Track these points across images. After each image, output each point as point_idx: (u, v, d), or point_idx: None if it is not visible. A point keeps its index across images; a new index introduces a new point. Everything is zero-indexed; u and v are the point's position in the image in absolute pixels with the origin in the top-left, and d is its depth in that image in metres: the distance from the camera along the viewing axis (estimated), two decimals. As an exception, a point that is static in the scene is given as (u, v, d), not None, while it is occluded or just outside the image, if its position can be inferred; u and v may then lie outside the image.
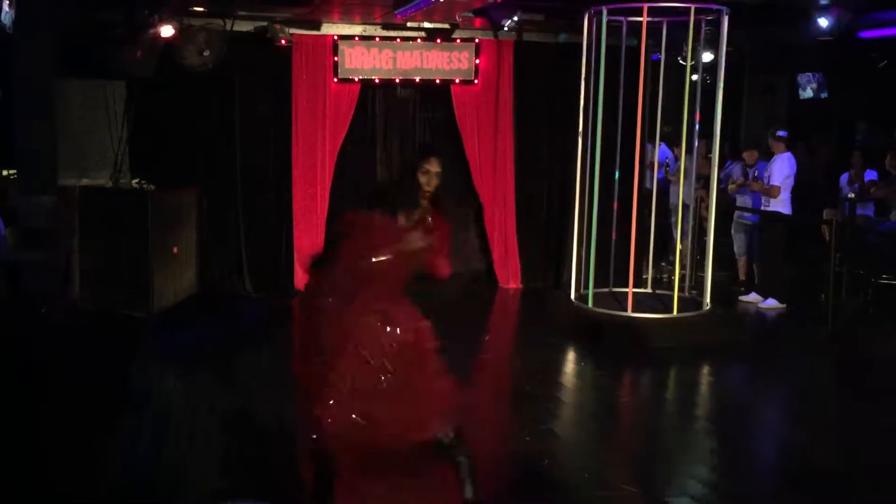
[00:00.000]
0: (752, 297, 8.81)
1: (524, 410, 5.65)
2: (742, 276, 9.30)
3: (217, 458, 4.25)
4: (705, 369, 6.82)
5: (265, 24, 8.45)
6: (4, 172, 7.35)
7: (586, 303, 7.69)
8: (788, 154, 8.69)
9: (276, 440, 4.22)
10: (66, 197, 7.48)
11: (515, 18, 7.48)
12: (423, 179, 3.84)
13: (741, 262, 9.34)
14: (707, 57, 8.10)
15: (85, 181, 8.00)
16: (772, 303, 8.64)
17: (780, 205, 8.61)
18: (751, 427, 5.59)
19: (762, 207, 8.71)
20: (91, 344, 6.59)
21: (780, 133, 8.73)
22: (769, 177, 8.58)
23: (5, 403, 4.64)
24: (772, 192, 8.51)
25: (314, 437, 3.75)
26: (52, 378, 5.40)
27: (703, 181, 8.27)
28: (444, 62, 9.12)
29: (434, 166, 3.84)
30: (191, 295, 8.21)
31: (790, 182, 8.59)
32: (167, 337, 6.65)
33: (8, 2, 5.15)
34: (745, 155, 8.93)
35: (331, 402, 3.67)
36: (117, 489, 3.56)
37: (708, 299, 7.63)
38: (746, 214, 8.99)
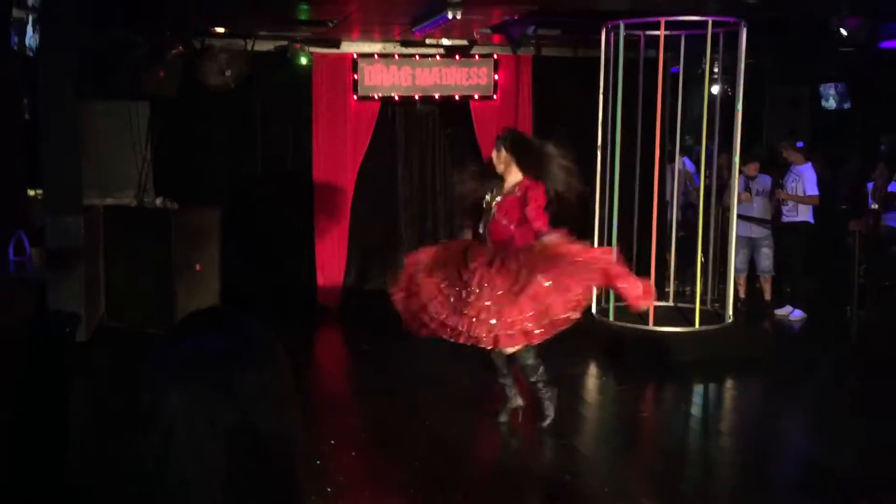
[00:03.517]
0: (786, 309, 8.71)
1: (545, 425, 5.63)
2: (742, 294, 8.96)
3: (219, 472, 4.28)
4: (728, 383, 6.77)
5: (285, 43, 8.55)
6: (31, 192, 7.46)
7: (607, 316, 7.66)
8: (810, 164, 8.63)
9: (280, 456, 4.26)
10: (92, 216, 7.58)
11: (530, 32, 7.48)
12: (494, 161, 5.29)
13: (741, 279, 8.93)
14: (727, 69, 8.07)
15: (109, 200, 8.11)
16: (799, 314, 8.57)
17: (805, 214, 8.55)
18: (773, 442, 5.53)
19: (785, 218, 8.64)
20: (113, 362, 6.68)
21: (799, 144, 8.67)
22: (803, 185, 8.49)
23: (28, 421, 4.70)
24: (813, 200, 8.44)
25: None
26: (73, 395, 5.47)
27: (725, 193, 8.20)
28: (463, 78, 9.16)
29: (493, 150, 5.30)
30: (213, 311, 8.26)
31: None
32: (176, 352, 6.71)
33: (32, 25, 5.25)
34: (745, 168, 8.64)
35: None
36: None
37: (730, 312, 7.58)
38: (755, 228, 8.84)
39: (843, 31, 7.48)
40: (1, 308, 4.77)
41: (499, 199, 5.26)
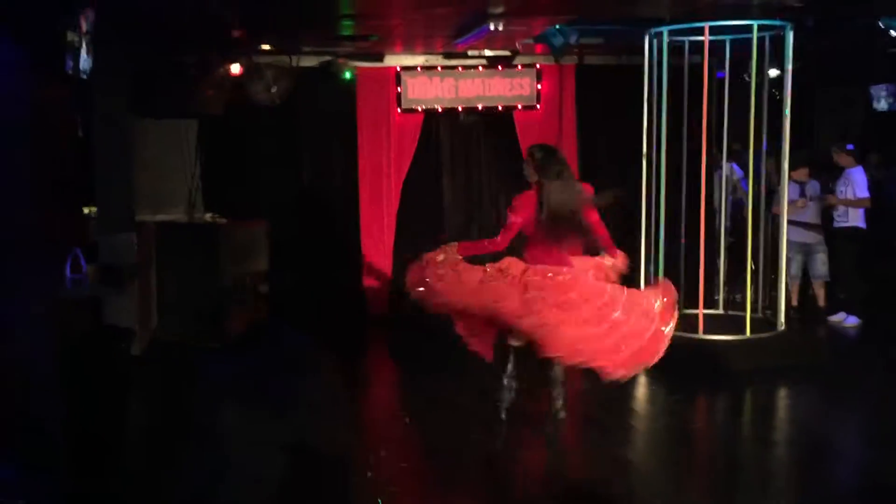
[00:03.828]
0: (840, 316, 8.55)
1: (596, 437, 5.60)
2: (795, 302, 8.75)
3: (271, 486, 4.35)
4: (781, 392, 6.65)
5: (330, 58, 8.65)
6: (86, 210, 7.64)
7: (656, 325, 7.57)
8: (861, 167, 8.48)
9: (332, 472, 4.29)
10: (144, 233, 7.73)
11: (572, 40, 7.44)
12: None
13: (794, 286, 8.75)
14: (774, 72, 7.96)
15: (161, 216, 8.27)
16: (854, 320, 8.41)
17: (856, 219, 8.40)
18: (829, 452, 5.42)
19: (836, 224, 8.50)
20: (166, 375, 6.80)
21: (850, 147, 8.53)
22: (853, 189, 8.35)
23: (85, 432, 4.81)
24: (863, 203, 8.30)
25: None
26: (128, 407, 5.59)
27: (774, 200, 8.08)
28: (506, 88, 9.18)
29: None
30: (262, 325, 8.38)
31: None
32: (231, 367, 6.82)
33: (85, 49, 5.38)
34: (794, 173, 8.39)
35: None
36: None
37: (782, 319, 7.45)
38: (809, 234, 8.67)
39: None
40: (59, 325, 4.89)
41: None
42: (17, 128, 4.83)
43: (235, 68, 8.05)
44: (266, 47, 8.24)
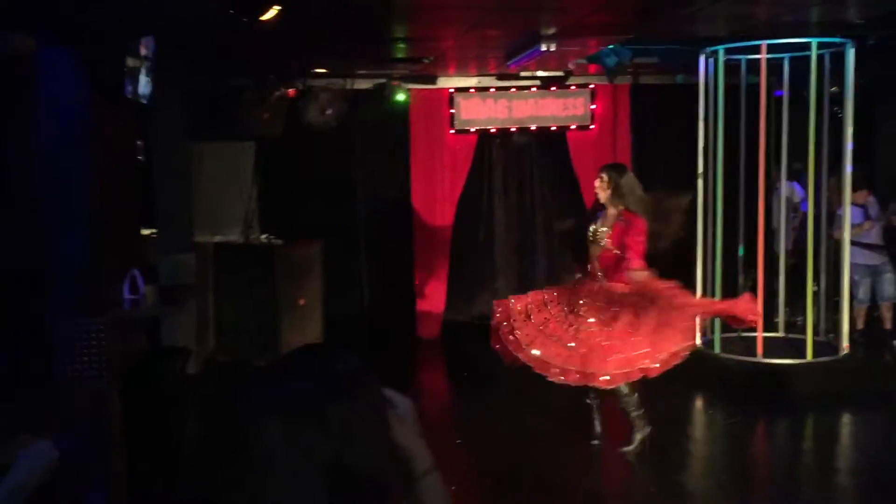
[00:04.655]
0: None
1: (651, 462, 5.49)
2: (861, 325, 8.42)
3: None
4: (844, 418, 6.45)
5: (383, 80, 8.73)
6: (145, 231, 7.79)
7: (713, 349, 7.44)
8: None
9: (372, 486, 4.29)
10: (202, 254, 7.86)
11: (625, 59, 7.37)
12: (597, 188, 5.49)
13: (862, 309, 8.42)
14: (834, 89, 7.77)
15: (218, 238, 8.39)
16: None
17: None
18: (894, 480, 5.23)
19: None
20: (221, 392, 6.87)
21: None
22: None
23: (140, 449, 4.89)
24: None
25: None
26: (186, 422, 5.67)
27: (835, 224, 7.86)
28: (560, 109, 9.15)
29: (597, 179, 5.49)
30: (316, 345, 8.43)
31: None
32: (275, 391, 6.86)
33: (145, 74, 5.53)
34: (854, 197, 8.03)
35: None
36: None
37: (845, 343, 7.24)
38: (875, 255, 8.39)
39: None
40: (118, 344, 5.00)
41: (606, 229, 5.41)
42: (79, 151, 4.97)
43: (291, 92, 8.18)
44: (321, 70, 8.36)
